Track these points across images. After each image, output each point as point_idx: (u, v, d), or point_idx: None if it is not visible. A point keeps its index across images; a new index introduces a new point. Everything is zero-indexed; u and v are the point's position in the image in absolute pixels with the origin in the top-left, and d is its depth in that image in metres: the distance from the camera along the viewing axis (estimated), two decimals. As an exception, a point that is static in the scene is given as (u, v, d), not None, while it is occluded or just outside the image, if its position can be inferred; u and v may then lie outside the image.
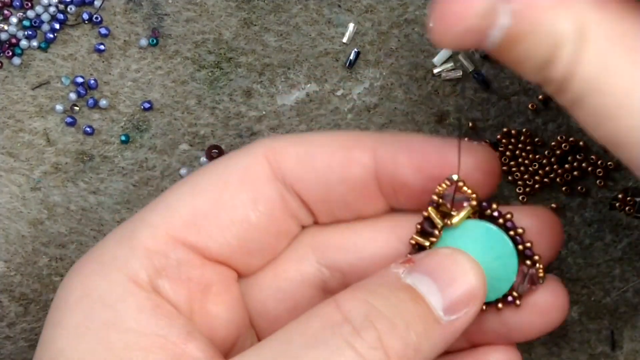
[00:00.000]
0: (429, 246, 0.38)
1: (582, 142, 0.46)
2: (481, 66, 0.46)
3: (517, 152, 0.46)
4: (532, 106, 0.46)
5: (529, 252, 0.38)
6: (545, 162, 0.46)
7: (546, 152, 0.46)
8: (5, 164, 0.47)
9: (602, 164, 0.46)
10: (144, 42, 0.47)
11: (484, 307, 0.38)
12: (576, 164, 0.46)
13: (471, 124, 0.47)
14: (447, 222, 0.38)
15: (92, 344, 0.35)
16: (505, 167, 0.46)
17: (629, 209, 0.46)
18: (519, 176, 0.46)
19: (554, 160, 0.46)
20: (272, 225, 0.39)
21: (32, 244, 0.47)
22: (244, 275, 0.40)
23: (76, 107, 0.47)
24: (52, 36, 0.47)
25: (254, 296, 0.40)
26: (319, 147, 0.39)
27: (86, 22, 0.47)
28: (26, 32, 0.47)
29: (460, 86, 0.46)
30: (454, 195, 0.38)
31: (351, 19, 0.47)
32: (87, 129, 0.47)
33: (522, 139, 0.46)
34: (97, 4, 0.47)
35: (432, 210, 0.38)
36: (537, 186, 0.46)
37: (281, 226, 0.39)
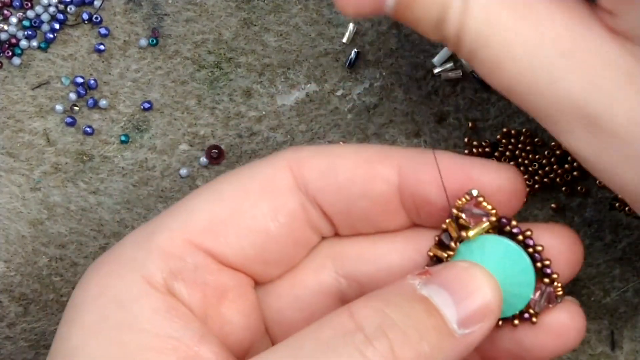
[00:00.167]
0: (446, 259, 0.38)
1: (582, 142, 0.46)
2: (481, 66, 0.46)
3: (517, 152, 0.46)
4: (532, 106, 0.46)
5: (548, 270, 0.37)
6: (545, 162, 0.46)
7: (546, 152, 0.46)
8: (5, 164, 0.47)
9: (602, 164, 0.46)
10: (143, 42, 0.47)
11: (500, 323, 0.38)
12: (576, 164, 0.46)
13: (471, 124, 0.47)
14: (464, 234, 0.37)
15: (106, 343, 0.35)
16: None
17: (629, 209, 0.46)
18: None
19: (554, 160, 0.46)
20: (292, 235, 0.39)
21: (32, 244, 0.47)
22: (261, 282, 0.40)
23: (76, 107, 0.47)
24: (51, 36, 0.47)
25: (270, 304, 0.40)
26: (343, 159, 0.39)
27: (86, 22, 0.47)
28: (26, 32, 0.47)
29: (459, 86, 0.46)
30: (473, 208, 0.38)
31: (351, 19, 0.47)
32: (87, 129, 0.47)
33: (522, 139, 0.46)
34: (96, 4, 0.47)
35: (450, 223, 0.38)
36: (537, 186, 0.46)
37: (300, 237, 0.39)
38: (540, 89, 0.34)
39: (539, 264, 0.37)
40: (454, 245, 0.38)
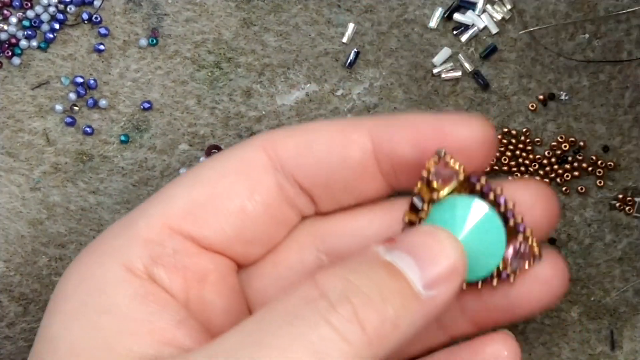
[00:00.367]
0: (418, 222, 0.38)
1: (582, 142, 0.46)
2: (481, 66, 0.46)
3: (517, 152, 0.46)
4: (532, 106, 0.46)
5: (521, 228, 0.37)
6: (545, 162, 0.46)
7: (546, 152, 0.46)
8: (4, 164, 0.47)
9: (602, 164, 0.46)
10: (143, 42, 0.47)
11: (479, 286, 0.38)
12: (576, 164, 0.46)
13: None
14: (434, 196, 0.38)
15: (84, 329, 0.36)
16: (505, 167, 0.46)
17: (629, 209, 0.46)
18: (519, 176, 0.46)
19: (554, 160, 0.46)
20: (270, 214, 0.39)
21: (31, 244, 0.47)
22: (243, 265, 0.40)
23: (76, 107, 0.47)
24: (51, 36, 0.47)
25: (254, 285, 0.40)
26: (316, 133, 0.39)
27: (86, 22, 0.47)
28: (26, 32, 0.47)
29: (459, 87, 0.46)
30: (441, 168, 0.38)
31: (351, 18, 0.47)
32: (87, 129, 0.47)
33: (522, 139, 0.46)
34: (96, 3, 0.47)
35: (421, 185, 0.38)
36: (537, 186, 0.46)
37: (279, 215, 0.39)
38: None
39: (511, 222, 0.37)
40: (425, 207, 0.38)
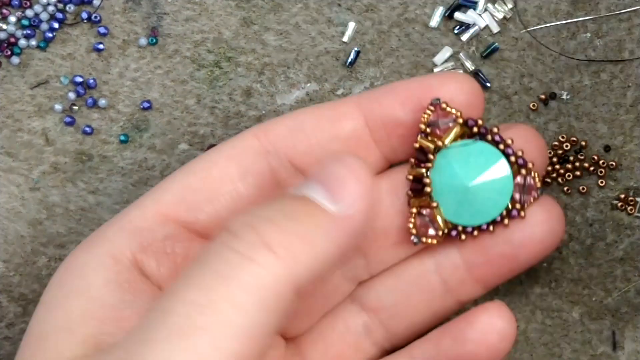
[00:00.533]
0: (425, 173, 0.39)
1: (583, 142, 0.46)
2: (482, 65, 0.46)
3: (518, 152, 0.46)
4: (533, 105, 0.46)
5: (522, 161, 0.39)
6: (546, 161, 0.46)
7: (547, 152, 0.46)
8: (3, 163, 0.47)
9: (603, 163, 0.46)
10: (143, 41, 0.47)
11: (492, 228, 0.39)
12: (577, 164, 0.46)
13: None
14: (440, 143, 0.39)
15: (52, 312, 0.37)
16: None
17: (631, 209, 0.46)
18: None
19: (555, 160, 0.46)
20: (262, 196, 0.40)
21: (31, 244, 0.47)
22: None
23: (75, 107, 0.47)
24: (50, 35, 0.47)
25: None
26: (306, 114, 0.40)
27: (85, 21, 0.47)
28: (25, 31, 0.47)
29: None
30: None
31: (351, 18, 0.47)
32: (86, 129, 0.47)
33: (523, 138, 0.46)
34: (96, 3, 0.47)
35: (421, 139, 0.39)
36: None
37: (272, 197, 0.40)
38: None
39: (512, 158, 0.39)
40: (431, 157, 0.39)
